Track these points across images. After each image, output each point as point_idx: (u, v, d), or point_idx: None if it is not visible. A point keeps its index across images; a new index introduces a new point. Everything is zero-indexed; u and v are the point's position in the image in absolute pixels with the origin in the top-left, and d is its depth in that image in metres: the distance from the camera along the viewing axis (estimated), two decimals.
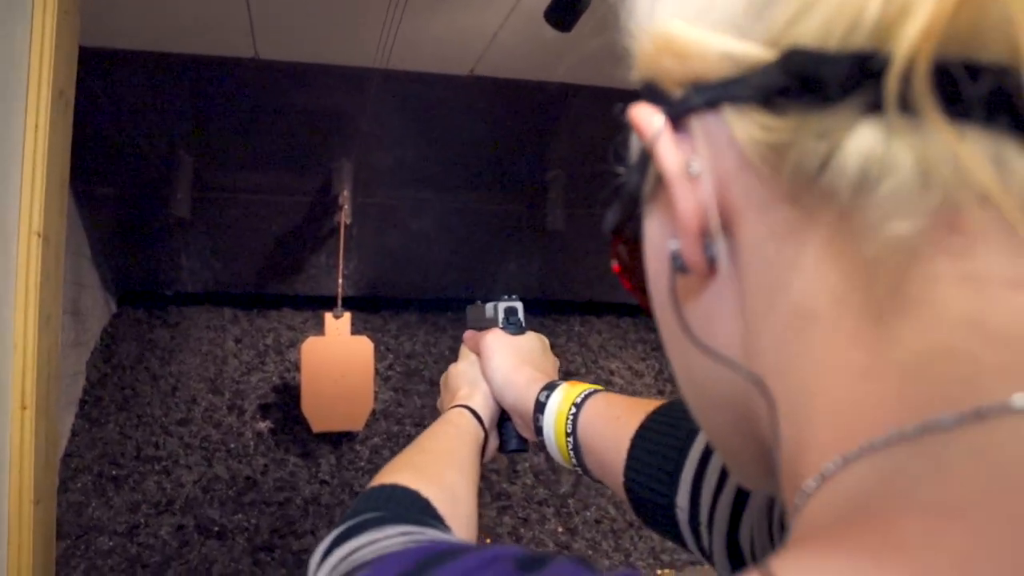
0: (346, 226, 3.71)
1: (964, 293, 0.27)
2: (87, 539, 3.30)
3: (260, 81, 3.16)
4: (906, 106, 0.26)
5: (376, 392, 3.81)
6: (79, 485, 3.40)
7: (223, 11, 2.73)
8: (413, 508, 0.75)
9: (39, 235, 0.94)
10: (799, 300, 0.30)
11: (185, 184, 3.46)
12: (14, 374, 0.91)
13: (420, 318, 4.29)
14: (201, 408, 3.82)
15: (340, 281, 3.75)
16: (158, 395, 3.80)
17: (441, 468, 0.86)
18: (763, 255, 0.32)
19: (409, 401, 4.05)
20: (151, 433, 3.69)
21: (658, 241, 0.36)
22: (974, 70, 0.26)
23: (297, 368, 3.75)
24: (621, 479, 0.79)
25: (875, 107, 0.27)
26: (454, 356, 1.18)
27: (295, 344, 3.92)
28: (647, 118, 0.34)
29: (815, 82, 0.28)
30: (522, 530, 3.81)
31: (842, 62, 0.27)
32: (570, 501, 3.85)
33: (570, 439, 0.89)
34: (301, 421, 3.68)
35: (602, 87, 3.34)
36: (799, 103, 0.29)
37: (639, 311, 4.68)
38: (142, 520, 3.48)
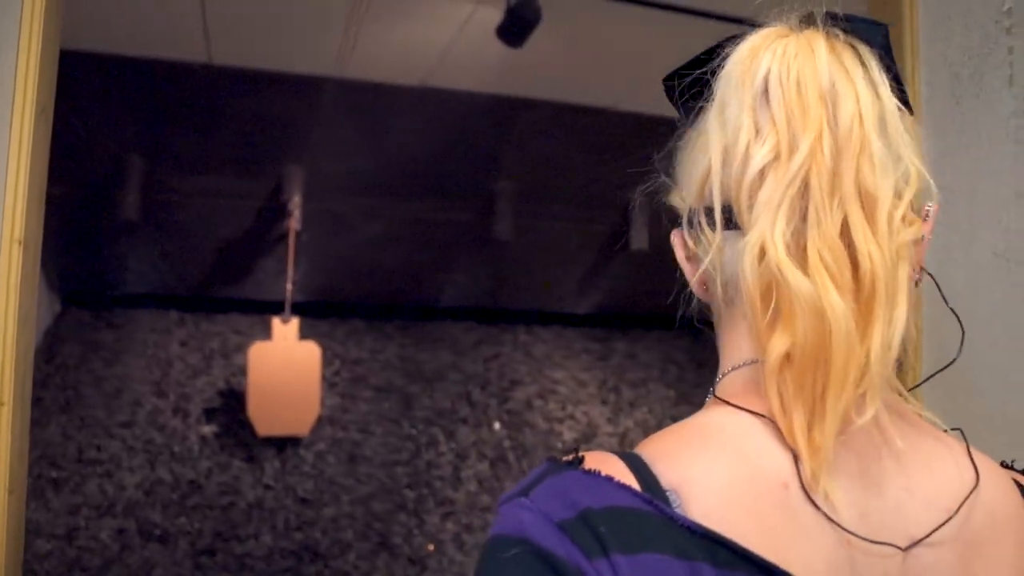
0: (296, 232, 3.74)
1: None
2: (24, 542, 3.27)
3: (214, 86, 3.19)
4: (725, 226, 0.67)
5: (322, 397, 3.83)
6: None
7: (178, 15, 2.76)
8: None
9: (20, 242, 1.00)
10: (719, 315, 0.73)
11: (135, 186, 3.46)
12: None
13: (367, 325, 4.32)
14: (145, 411, 3.80)
15: (289, 286, 3.77)
16: (101, 397, 3.78)
17: None
18: (711, 293, 0.72)
19: (355, 407, 4.09)
20: (93, 435, 3.67)
21: None
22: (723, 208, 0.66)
23: (243, 372, 3.76)
24: None
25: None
26: (400, 363, 1.23)
27: (242, 348, 3.93)
28: (672, 235, 0.74)
29: (695, 220, 0.69)
30: (465, 536, 3.87)
31: (699, 212, 0.69)
32: None
33: None
34: (246, 425, 3.69)
35: (551, 100, 3.43)
36: (697, 228, 0.69)
37: (584, 322, 4.79)
38: (82, 523, 3.46)
